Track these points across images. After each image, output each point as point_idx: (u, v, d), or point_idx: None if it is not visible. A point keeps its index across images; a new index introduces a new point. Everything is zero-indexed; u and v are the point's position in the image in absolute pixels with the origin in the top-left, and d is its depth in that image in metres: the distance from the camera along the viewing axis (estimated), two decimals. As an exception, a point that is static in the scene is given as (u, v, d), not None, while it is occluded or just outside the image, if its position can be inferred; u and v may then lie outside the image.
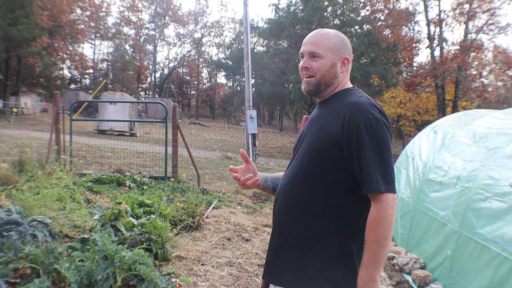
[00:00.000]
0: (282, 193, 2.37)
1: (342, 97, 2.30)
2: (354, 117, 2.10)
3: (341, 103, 2.24)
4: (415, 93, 38.55)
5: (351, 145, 2.09)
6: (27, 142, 15.68)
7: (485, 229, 4.74)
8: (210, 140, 33.49)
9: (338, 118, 2.16)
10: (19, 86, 42.44)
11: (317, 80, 2.32)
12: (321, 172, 2.19)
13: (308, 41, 2.34)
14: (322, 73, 2.30)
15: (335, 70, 2.32)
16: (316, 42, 2.30)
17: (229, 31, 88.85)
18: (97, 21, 68.33)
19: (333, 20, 37.49)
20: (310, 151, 2.26)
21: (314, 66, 2.30)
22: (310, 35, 2.37)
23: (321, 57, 2.29)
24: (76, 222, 5.58)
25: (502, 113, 7.04)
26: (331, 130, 2.17)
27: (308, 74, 2.33)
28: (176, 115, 10.95)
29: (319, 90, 2.35)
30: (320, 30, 2.36)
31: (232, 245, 6.51)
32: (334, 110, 2.24)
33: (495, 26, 33.95)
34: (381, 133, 2.08)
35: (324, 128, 2.22)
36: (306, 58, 2.33)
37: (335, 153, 2.15)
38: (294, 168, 2.34)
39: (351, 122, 2.09)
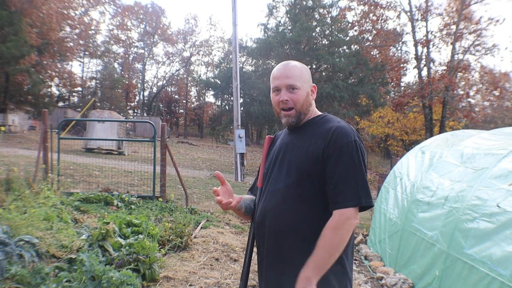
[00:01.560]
0: (271, 215, 2.40)
1: (320, 123, 2.44)
2: (338, 139, 2.26)
3: (322, 128, 2.38)
4: (403, 113, 38.77)
5: (329, 162, 2.25)
6: (14, 160, 15.56)
7: (473, 249, 4.75)
8: (198, 159, 33.42)
9: (322, 140, 2.31)
10: (6, 103, 42.20)
11: (297, 111, 2.43)
12: (311, 191, 2.29)
13: (282, 74, 2.43)
14: (300, 103, 2.42)
15: (309, 99, 2.46)
16: (291, 75, 2.40)
17: (218, 50, 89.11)
18: (86, 39, 68.25)
19: (322, 40, 37.83)
20: (297, 172, 2.33)
21: (293, 98, 2.40)
22: (280, 69, 2.46)
23: (298, 89, 2.40)
24: (64, 242, 5.53)
25: (489, 134, 7.10)
26: (317, 151, 2.29)
27: (288, 106, 2.42)
28: (164, 134, 10.94)
29: (299, 120, 2.46)
30: (288, 63, 2.48)
31: (221, 265, 6.47)
32: (316, 134, 2.38)
33: (482, 46, 34.31)
34: (361, 154, 2.27)
35: (308, 150, 2.33)
36: (284, 91, 2.41)
37: (321, 171, 2.27)
38: (281, 189, 2.39)
39: (336, 142, 2.25)
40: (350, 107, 36.81)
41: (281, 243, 2.35)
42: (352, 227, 2.20)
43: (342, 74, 36.83)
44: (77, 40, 64.81)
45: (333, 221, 2.17)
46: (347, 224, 2.16)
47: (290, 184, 2.35)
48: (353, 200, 2.18)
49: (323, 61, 36.58)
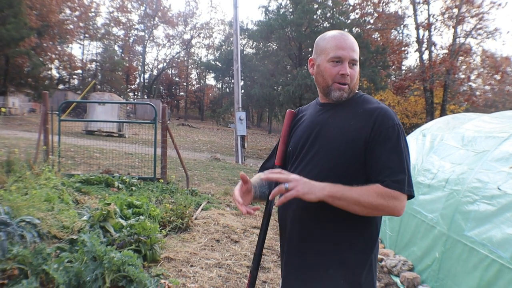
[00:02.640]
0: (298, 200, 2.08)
1: (359, 103, 2.24)
2: (384, 121, 2.08)
3: (363, 109, 2.18)
4: (404, 96, 38.77)
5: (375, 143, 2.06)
6: (15, 142, 15.56)
7: (473, 231, 4.76)
8: (199, 141, 33.46)
9: (365, 122, 2.11)
10: (7, 86, 42.14)
11: (350, 88, 2.23)
12: (346, 178, 2.07)
13: (348, 46, 2.20)
14: (355, 81, 2.24)
15: (359, 77, 2.30)
16: (356, 48, 2.22)
17: (218, 33, 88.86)
18: (86, 21, 68.02)
19: (323, 23, 37.61)
20: (334, 155, 2.14)
21: (352, 74, 2.21)
22: (346, 38, 2.23)
23: (356, 65, 2.23)
24: (65, 223, 5.55)
25: (490, 117, 7.09)
26: (359, 134, 2.09)
27: (345, 81, 2.20)
28: (165, 116, 10.93)
29: (348, 97, 2.25)
30: (348, 34, 2.26)
31: (221, 246, 6.50)
32: (355, 114, 2.17)
33: (483, 30, 34.24)
34: (405, 139, 2.11)
35: (348, 132, 2.13)
36: (347, 65, 2.19)
37: (361, 156, 2.08)
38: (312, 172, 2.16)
39: (382, 125, 2.07)
40: (351, 90, 36.59)
41: (305, 229, 2.18)
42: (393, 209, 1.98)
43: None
44: (77, 22, 64.65)
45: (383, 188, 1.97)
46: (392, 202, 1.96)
47: (324, 168, 2.15)
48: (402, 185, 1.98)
49: (324, 44, 36.35)
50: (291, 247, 2.27)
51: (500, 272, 4.10)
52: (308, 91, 31.65)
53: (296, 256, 2.23)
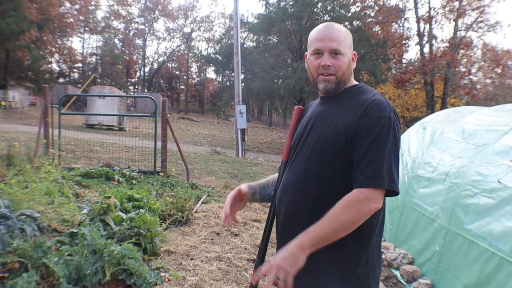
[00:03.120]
0: (290, 192, 2.22)
1: (355, 94, 2.23)
2: (372, 113, 2.05)
3: (356, 100, 2.17)
4: (404, 89, 38.75)
5: (358, 137, 2.04)
6: (15, 136, 15.56)
7: (473, 224, 4.76)
8: (199, 135, 33.44)
9: (354, 113, 2.10)
10: (7, 79, 42.09)
11: (337, 79, 2.22)
12: (334, 169, 2.08)
13: (327, 37, 2.21)
14: (342, 71, 2.21)
15: (351, 67, 2.27)
16: (336, 38, 2.20)
17: (219, 26, 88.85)
18: (86, 14, 67.84)
19: (323, 16, 37.53)
20: (322, 148, 2.14)
21: (335, 65, 2.19)
22: (325, 30, 2.25)
23: (342, 55, 2.20)
24: (65, 216, 5.55)
25: (490, 110, 7.08)
26: (346, 127, 2.08)
27: (328, 72, 2.21)
28: (165, 109, 10.92)
29: (338, 88, 2.25)
30: (332, 25, 2.26)
31: (221, 239, 6.51)
32: (347, 106, 2.17)
33: (484, 23, 34.20)
34: (393, 132, 2.05)
35: (337, 125, 2.13)
36: (327, 56, 2.19)
37: (348, 150, 2.07)
38: (303, 165, 2.21)
39: (367, 117, 2.05)
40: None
41: (295, 222, 2.18)
42: (369, 210, 1.95)
43: (344, 50, 36.60)
44: (77, 15, 64.49)
45: (348, 197, 1.95)
46: (364, 205, 1.92)
47: (313, 160, 2.16)
48: (374, 180, 1.95)
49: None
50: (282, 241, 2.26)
51: (500, 265, 4.11)
52: (308, 84, 31.60)
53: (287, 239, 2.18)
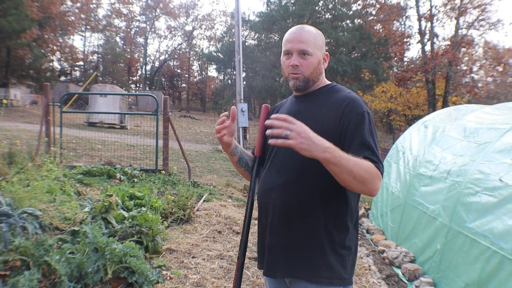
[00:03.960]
0: (276, 190, 2.31)
1: (330, 93, 2.35)
2: (353, 108, 2.17)
3: (333, 98, 2.28)
4: (406, 87, 38.70)
5: (346, 129, 2.14)
6: (16, 134, 15.55)
7: (475, 223, 4.76)
8: (201, 133, 33.43)
9: (334, 110, 2.21)
10: (8, 77, 42.15)
11: (305, 77, 2.31)
12: (319, 166, 2.07)
13: (296, 38, 2.30)
14: (310, 70, 2.31)
15: (320, 67, 2.36)
16: (305, 39, 2.28)
17: (220, 24, 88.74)
18: (88, 13, 67.84)
19: (325, 14, 37.56)
20: None
21: (304, 64, 2.29)
22: (294, 32, 2.34)
23: (310, 55, 2.29)
24: (67, 214, 5.56)
25: (492, 108, 7.08)
26: (328, 124, 2.19)
27: (297, 72, 2.31)
28: (167, 107, 10.91)
29: (307, 86, 2.35)
30: (303, 27, 2.35)
31: (223, 238, 6.51)
32: (325, 104, 2.28)
33: (486, 22, 34.17)
34: (373, 126, 2.19)
35: (318, 122, 2.19)
36: (295, 56, 2.29)
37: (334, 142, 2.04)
38: (286, 163, 2.30)
39: (350, 113, 2.16)
40: (353, 82, 36.62)
41: (289, 216, 2.26)
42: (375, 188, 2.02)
43: (345, 48, 36.63)
44: (79, 14, 64.49)
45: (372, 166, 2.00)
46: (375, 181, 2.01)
47: (298, 159, 2.13)
48: (381, 168, 2.05)
49: (326, 35, 36.23)
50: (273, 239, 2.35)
51: (501, 264, 4.11)
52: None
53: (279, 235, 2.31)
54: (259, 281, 5.00)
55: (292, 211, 2.25)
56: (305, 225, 2.23)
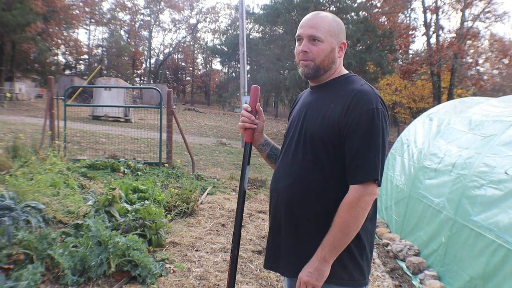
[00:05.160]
0: (285, 183, 2.27)
1: (343, 84, 2.24)
2: (358, 106, 2.06)
3: (343, 90, 2.17)
4: (411, 80, 38.61)
5: (347, 131, 2.06)
6: (21, 128, 15.59)
7: (480, 216, 4.73)
8: (205, 126, 33.44)
9: (341, 105, 2.11)
10: (13, 71, 42.23)
11: (316, 65, 2.22)
12: (325, 159, 2.13)
13: (307, 23, 2.21)
14: (321, 58, 2.20)
15: (333, 55, 2.23)
16: (316, 25, 2.18)
17: (224, 17, 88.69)
18: (92, 6, 67.80)
19: (329, 7, 37.35)
20: (313, 139, 2.18)
21: (313, 51, 2.19)
22: (308, 17, 2.24)
23: (321, 41, 2.18)
24: (70, 207, 5.56)
25: (498, 101, 7.03)
26: (334, 118, 2.11)
27: (306, 58, 2.21)
28: (170, 101, 10.89)
29: (317, 74, 2.25)
30: (318, 13, 2.25)
31: (226, 231, 6.50)
32: (335, 97, 2.18)
33: (492, 14, 34.00)
34: (382, 124, 2.06)
35: (325, 116, 2.15)
36: (305, 42, 2.20)
37: (337, 140, 2.10)
38: (295, 155, 2.25)
39: (354, 110, 2.06)
40: (358, 74, 36.32)
41: (294, 211, 2.21)
42: (368, 204, 2.04)
43: (350, 41, 36.45)
44: (83, 7, 64.45)
45: (348, 198, 2.02)
46: (363, 201, 2.01)
47: (305, 151, 2.19)
48: (369, 174, 2.02)
49: (330, 28, 36.14)
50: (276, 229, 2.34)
51: (507, 257, 4.08)
52: (314, 76, 31.48)
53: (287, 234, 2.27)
54: (262, 274, 4.98)
55: (299, 209, 2.20)
56: (313, 223, 2.18)
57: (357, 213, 2.00)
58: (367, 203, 2.03)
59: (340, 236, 2.02)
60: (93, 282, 4.11)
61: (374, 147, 2.03)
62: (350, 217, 2.00)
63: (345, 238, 2.02)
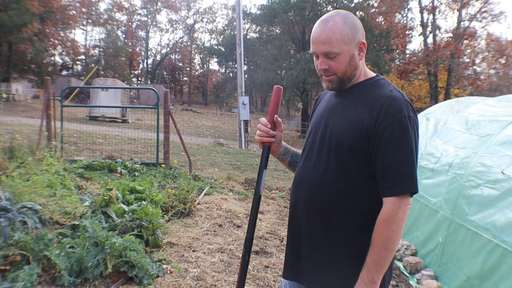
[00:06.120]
0: (305, 187, 2.21)
1: (370, 89, 2.15)
2: (389, 114, 1.98)
3: (372, 96, 2.09)
4: (408, 80, 38.65)
5: (380, 141, 1.99)
6: (18, 128, 15.56)
7: (477, 216, 4.74)
8: (203, 126, 33.43)
9: (370, 112, 2.03)
10: (10, 72, 42.09)
11: (339, 78, 2.14)
12: (351, 166, 2.08)
13: (319, 39, 2.10)
14: (343, 70, 2.12)
15: (355, 62, 2.14)
16: (327, 40, 2.07)
17: (221, 17, 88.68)
18: (89, 6, 67.65)
19: (326, 7, 37.38)
20: (337, 144, 2.11)
21: (333, 66, 2.11)
22: (317, 31, 2.11)
23: (338, 54, 2.08)
24: (67, 208, 5.55)
25: (494, 101, 7.04)
26: (362, 125, 2.04)
27: (328, 74, 2.15)
28: (167, 101, 10.88)
29: (343, 85, 2.18)
30: (326, 22, 2.10)
31: (224, 231, 6.49)
32: (363, 102, 2.10)
33: (488, 13, 34.04)
34: (414, 132, 2.01)
35: (352, 122, 2.08)
36: (322, 59, 2.12)
37: (364, 147, 2.04)
38: (318, 161, 2.19)
39: (385, 119, 1.98)
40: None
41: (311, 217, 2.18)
42: (405, 215, 1.96)
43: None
44: (80, 8, 64.29)
45: (386, 213, 1.95)
46: (401, 213, 1.94)
47: (328, 156, 2.13)
48: (407, 186, 1.95)
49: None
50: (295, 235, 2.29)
51: (503, 257, 4.09)
52: (311, 75, 31.54)
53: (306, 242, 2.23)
54: (259, 274, 4.99)
55: (321, 218, 2.15)
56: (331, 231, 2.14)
57: (398, 226, 1.94)
58: (405, 214, 1.96)
59: (385, 253, 1.96)
60: (89, 283, 4.10)
61: (409, 158, 1.97)
62: (391, 232, 1.94)
63: (389, 254, 1.97)
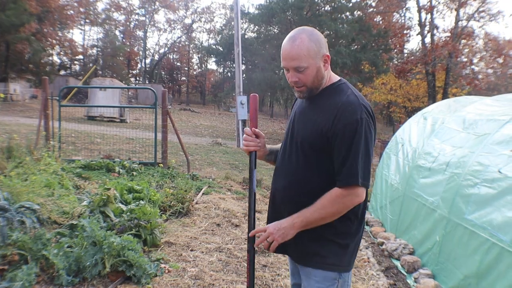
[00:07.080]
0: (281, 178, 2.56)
1: (331, 94, 2.42)
2: (343, 117, 2.26)
3: (330, 100, 2.38)
4: (406, 79, 38.61)
5: (335, 141, 2.28)
6: (16, 128, 15.57)
7: (474, 215, 4.75)
8: (201, 126, 33.41)
9: (327, 115, 2.32)
10: (7, 72, 42.07)
11: (308, 88, 2.40)
12: (315, 162, 2.38)
13: (288, 56, 2.35)
14: (311, 80, 2.37)
15: (321, 73, 2.38)
16: (296, 56, 2.31)
17: (219, 17, 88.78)
18: (87, 6, 67.50)
19: (324, 6, 37.44)
20: (303, 144, 2.42)
21: (302, 78, 2.36)
22: (286, 48, 2.36)
23: (307, 68, 2.33)
24: (65, 208, 5.55)
25: (492, 100, 7.06)
26: (321, 127, 2.32)
27: (298, 85, 2.40)
28: (165, 100, 10.87)
29: (312, 93, 2.44)
30: (294, 40, 2.34)
31: (222, 230, 6.50)
32: (323, 107, 2.39)
33: (486, 13, 34.03)
34: (365, 132, 2.26)
35: (314, 124, 2.37)
36: (292, 73, 2.37)
37: (325, 147, 2.33)
38: (290, 157, 2.50)
39: (340, 122, 2.26)
40: (353, 74, 36.49)
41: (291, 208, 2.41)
42: (351, 202, 2.29)
43: (345, 40, 36.51)
44: (77, 7, 64.19)
45: (335, 194, 2.27)
46: (348, 200, 2.27)
47: (297, 153, 2.45)
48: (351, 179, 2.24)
49: (325, 28, 36.18)
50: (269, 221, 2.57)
51: (500, 256, 4.10)
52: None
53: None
54: (257, 273, 4.98)
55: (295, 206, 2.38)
56: None
57: (340, 207, 2.28)
58: (352, 202, 2.29)
59: (316, 216, 2.29)
60: (88, 283, 4.11)
61: (357, 156, 2.24)
62: (331, 208, 2.28)
63: (319, 217, 2.30)
